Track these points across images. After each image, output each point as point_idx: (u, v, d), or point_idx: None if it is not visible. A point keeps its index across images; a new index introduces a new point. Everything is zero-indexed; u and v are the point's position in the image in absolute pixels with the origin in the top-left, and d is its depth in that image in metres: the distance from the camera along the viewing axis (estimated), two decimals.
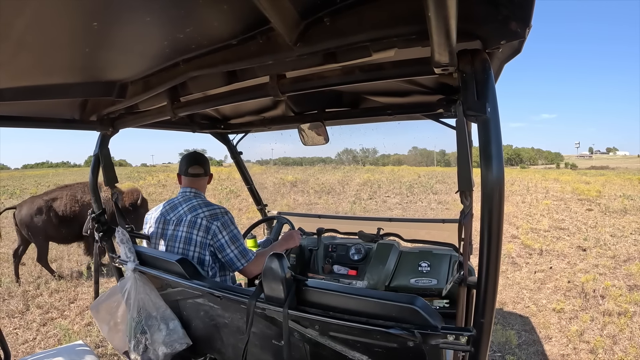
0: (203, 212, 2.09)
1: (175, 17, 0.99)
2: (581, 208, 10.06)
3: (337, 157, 38.05)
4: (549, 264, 6.22)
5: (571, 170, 32.27)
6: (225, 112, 2.69)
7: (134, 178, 19.05)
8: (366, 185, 15.49)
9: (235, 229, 2.13)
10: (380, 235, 2.95)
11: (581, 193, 11.65)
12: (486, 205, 0.98)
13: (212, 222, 2.07)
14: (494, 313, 1.10)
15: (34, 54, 1.14)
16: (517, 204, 11.11)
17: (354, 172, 19.79)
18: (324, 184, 15.88)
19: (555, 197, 11.59)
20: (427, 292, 2.55)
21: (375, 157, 33.10)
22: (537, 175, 17.61)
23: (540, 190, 12.94)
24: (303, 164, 28.94)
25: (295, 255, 3.06)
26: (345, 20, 1.00)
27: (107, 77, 1.51)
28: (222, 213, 2.12)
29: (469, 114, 0.97)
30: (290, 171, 20.31)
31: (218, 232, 2.07)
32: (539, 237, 7.64)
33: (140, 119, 1.94)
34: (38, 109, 1.82)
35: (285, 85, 1.32)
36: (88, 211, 2.23)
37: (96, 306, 2.08)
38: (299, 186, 15.69)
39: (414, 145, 54.88)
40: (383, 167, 24.89)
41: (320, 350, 1.52)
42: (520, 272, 5.91)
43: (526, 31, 0.89)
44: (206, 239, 2.06)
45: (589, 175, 17.46)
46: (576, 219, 9.01)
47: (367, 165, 28.51)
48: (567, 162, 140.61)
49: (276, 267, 1.42)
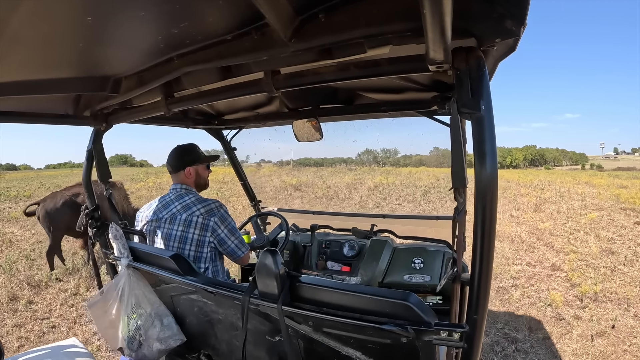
0: (198, 210, 2.09)
1: (170, 12, 0.99)
2: (628, 221, 8.40)
3: (358, 158, 37.59)
4: (609, 318, 4.23)
5: (598, 171, 31.20)
6: (219, 108, 2.68)
7: (137, 179, 18.68)
8: (376, 190, 14.40)
9: (232, 221, 2.16)
10: (374, 232, 2.96)
11: (624, 200, 10.30)
12: (480, 202, 0.99)
13: (209, 218, 2.07)
14: (487, 309, 1.11)
15: (27, 49, 1.13)
16: (552, 215, 9.51)
17: (367, 174, 18.64)
18: (330, 187, 15.00)
19: (594, 205, 10.09)
20: (421, 288, 2.56)
21: (397, 158, 32.32)
22: (566, 178, 16.40)
23: (574, 196, 11.66)
24: (324, 165, 28.38)
25: (289, 252, 3.07)
26: (340, 16, 1.00)
27: (100, 72, 1.50)
28: (217, 207, 2.12)
29: (463, 111, 0.98)
30: (301, 173, 19.42)
31: (217, 227, 2.09)
32: (588, 269, 5.79)
33: (134, 115, 1.93)
34: (31, 104, 1.81)
35: (280, 81, 1.32)
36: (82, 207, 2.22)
37: (92, 304, 2.07)
38: (302, 190, 14.82)
39: (436, 145, 53.65)
40: (402, 168, 23.96)
41: (314, 346, 1.53)
42: (571, 337, 3.86)
43: (521, 29, 0.90)
44: (204, 236, 2.06)
45: (622, 177, 16.26)
46: (627, 237, 7.29)
47: (386, 167, 27.76)
48: (592, 162, 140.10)
49: (270, 263, 1.42)
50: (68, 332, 4.09)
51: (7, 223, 10.25)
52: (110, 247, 2.11)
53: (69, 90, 1.56)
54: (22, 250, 7.42)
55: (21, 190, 16.70)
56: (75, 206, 5.83)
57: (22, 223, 9.91)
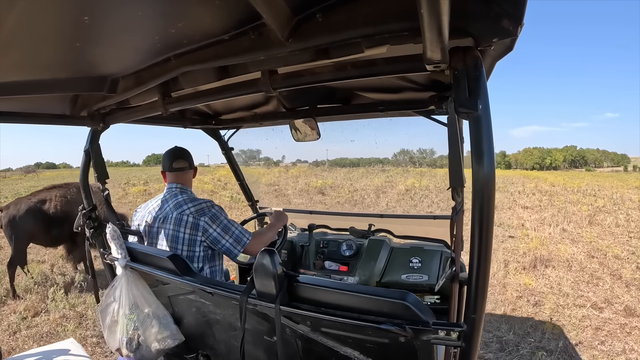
0: (189, 209, 2.07)
1: (167, 12, 0.99)
2: None
3: (394, 158, 37.01)
4: None
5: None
6: (216, 108, 2.68)
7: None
8: (407, 195, 13.33)
9: (225, 219, 2.10)
10: (372, 231, 2.97)
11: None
12: (477, 201, 0.99)
13: (199, 218, 2.05)
14: (485, 308, 1.11)
15: (24, 49, 1.12)
16: (611, 229, 8.37)
17: (400, 175, 17.45)
18: (357, 191, 14.05)
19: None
20: (418, 287, 2.57)
21: (433, 158, 31.43)
22: (615, 182, 15.02)
23: (629, 204, 10.74)
24: (360, 165, 27.66)
25: (286, 251, 3.07)
26: (337, 16, 1.00)
27: (98, 72, 1.50)
28: (208, 207, 2.10)
29: (461, 111, 0.98)
30: (331, 174, 18.22)
31: (208, 227, 2.05)
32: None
33: (132, 115, 1.93)
34: (28, 104, 1.80)
35: (277, 81, 1.32)
36: (79, 207, 2.21)
37: (102, 309, 2.05)
38: (325, 194, 13.69)
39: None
40: (439, 169, 22.78)
41: (312, 346, 1.53)
42: None
43: (518, 29, 0.90)
44: (195, 235, 2.04)
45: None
46: None
47: (422, 167, 27.04)
48: (634, 164, 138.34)
49: (267, 263, 1.42)
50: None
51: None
52: (108, 247, 2.11)
53: (66, 90, 1.55)
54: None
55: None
56: (40, 214, 5.41)
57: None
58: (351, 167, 26.49)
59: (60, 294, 4.83)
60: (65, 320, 4.34)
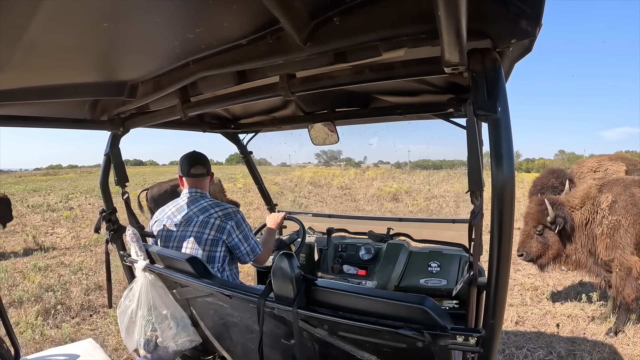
0: (216, 212, 2.13)
1: (186, 18, 1.00)
2: None
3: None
4: None
5: None
6: (235, 112, 2.70)
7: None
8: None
9: (247, 227, 2.20)
10: (390, 235, 2.95)
11: None
12: (497, 205, 0.97)
13: (226, 221, 2.12)
14: (504, 314, 1.09)
15: (46, 55, 1.15)
16: None
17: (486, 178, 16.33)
18: (435, 197, 12.89)
19: None
20: (437, 292, 2.54)
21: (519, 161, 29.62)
22: None
23: None
24: (443, 167, 26.75)
25: (305, 255, 3.07)
26: (354, 19, 1.00)
27: (118, 77, 1.53)
28: (234, 212, 2.17)
29: (480, 113, 0.97)
30: (410, 177, 17.34)
31: (233, 232, 2.13)
32: None
33: (151, 119, 1.96)
34: (49, 109, 1.85)
35: (295, 85, 1.32)
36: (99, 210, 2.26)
37: (121, 310, 2.09)
38: (399, 200, 12.84)
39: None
40: (525, 174, 21.50)
41: (329, 350, 1.52)
42: None
43: (537, 30, 0.89)
44: (219, 237, 2.10)
45: None
46: None
47: (519, 172, 25.73)
48: None
49: (285, 267, 1.43)
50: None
51: None
52: (127, 250, 2.14)
53: (87, 96, 1.59)
54: None
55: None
56: (176, 195, 5.66)
57: None
58: (434, 169, 25.45)
59: None
60: None
